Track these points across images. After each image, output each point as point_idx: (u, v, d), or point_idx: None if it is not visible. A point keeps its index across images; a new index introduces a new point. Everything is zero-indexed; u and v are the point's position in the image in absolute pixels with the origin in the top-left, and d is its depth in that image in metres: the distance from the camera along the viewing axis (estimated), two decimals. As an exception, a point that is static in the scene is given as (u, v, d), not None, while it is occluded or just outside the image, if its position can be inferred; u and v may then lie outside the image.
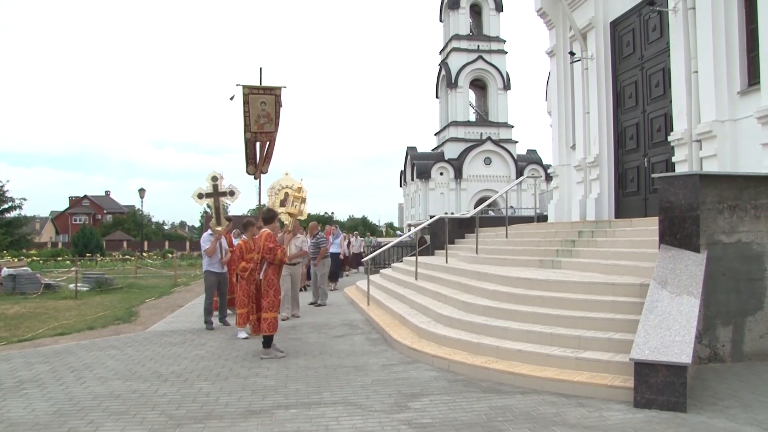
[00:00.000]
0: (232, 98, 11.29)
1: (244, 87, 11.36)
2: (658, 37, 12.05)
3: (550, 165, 17.42)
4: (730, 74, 9.94)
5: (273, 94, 11.56)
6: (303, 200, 11.59)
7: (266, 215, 9.23)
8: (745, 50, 9.86)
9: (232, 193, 11.52)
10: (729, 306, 7.08)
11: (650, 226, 9.26)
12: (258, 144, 11.65)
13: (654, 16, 12.02)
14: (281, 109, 11.63)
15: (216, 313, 11.48)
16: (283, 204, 11.59)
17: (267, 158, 11.71)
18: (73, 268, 21.80)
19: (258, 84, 11.58)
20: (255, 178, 11.75)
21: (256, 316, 8.52)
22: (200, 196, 11.42)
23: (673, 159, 11.08)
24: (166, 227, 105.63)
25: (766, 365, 6.93)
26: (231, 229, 12.05)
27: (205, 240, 11.30)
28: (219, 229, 11.26)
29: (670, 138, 11.15)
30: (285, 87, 11.72)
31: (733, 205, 7.16)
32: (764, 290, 7.17)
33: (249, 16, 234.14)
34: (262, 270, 8.54)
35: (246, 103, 11.33)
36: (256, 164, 11.63)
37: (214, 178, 11.43)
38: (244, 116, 11.40)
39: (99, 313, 13.38)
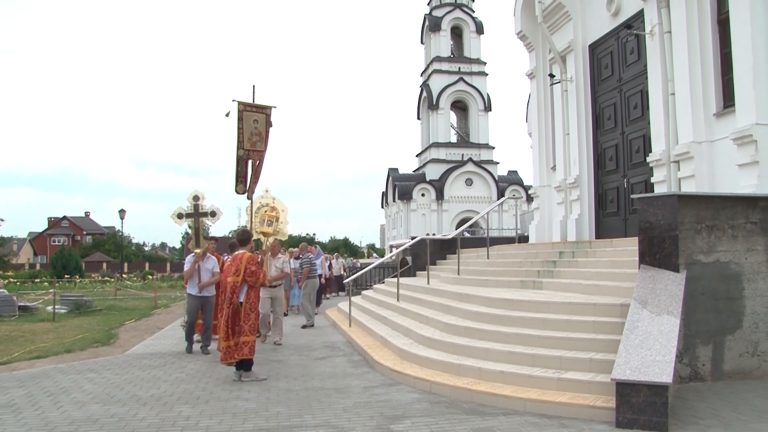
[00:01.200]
0: (227, 114, 10.83)
1: (239, 103, 10.90)
2: (636, 60, 12.23)
3: (531, 186, 17.54)
4: (706, 96, 10.11)
5: (264, 113, 11.16)
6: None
7: (241, 236, 8.99)
8: (719, 73, 10.04)
9: (213, 214, 11.14)
10: (708, 325, 7.13)
11: (630, 246, 9.33)
12: (250, 162, 11.12)
13: (631, 40, 12.22)
14: (270, 129, 11.29)
15: (197, 336, 10.99)
16: (261, 224, 11.43)
17: (255, 179, 11.18)
18: (51, 290, 21.54)
19: (251, 101, 11.18)
20: (248, 198, 11.33)
21: (234, 341, 8.20)
22: (180, 216, 11.02)
23: (652, 179, 11.19)
24: (146, 248, 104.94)
25: (746, 384, 6.98)
26: (214, 249, 11.56)
27: (188, 262, 10.91)
28: (198, 251, 10.79)
29: (648, 159, 11.28)
30: (275, 107, 11.34)
31: (711, 225, 7.24)
32: (743, 309, 7.23)
33: (230, 36, 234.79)
34: (242, 293, 8.36)
35: (240, 119, 10.85)
36: (246, 182, 11.13)
37: (196, 198, 11.07)
38: (238, 132, 10.91)
39: (77, 335, 13.21)
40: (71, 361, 10.06)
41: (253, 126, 10.96)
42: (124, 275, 41.27)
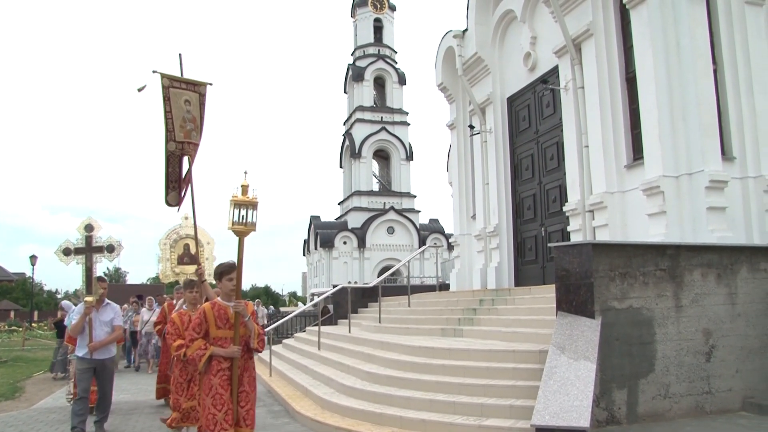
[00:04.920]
0: (140, 89, 7.59)
1: (162, 76, 7.49)
2: (552, 113, 12.71)
3: (452, 234, 17.78)
4: (617, 149, 10.59)
5: (197, 91, 7.74)
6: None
7: (215, 270, 6.18)
8: (629, 127, 10.56)
9: (111, 249, 8.69)
10: (623, 369, 7.29)
11: (548, 293, 9.52)
12: (186, 159, 7.66)
13: (547, 94, 12.71)
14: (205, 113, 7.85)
15: (93, 415, 8.16)
16: (182, 260, 10.37)
17: (186, 182, 7.69)
18: (-52, 342, 20.28)
19: (179, 75, 7.67)
20: (173, 206, 7.72)
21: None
22: (67, 252, 8.58)
23: (568, 228, 11.53)
24: (59, 296, 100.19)
25: (659, 426, 7.14)
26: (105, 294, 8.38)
27: (76, 313, 8.17)
28: (89, 299, 7.98)
29: (564, 208, 11.64)
30: (211, 84, 7.82)
31: (624, 272, 7.47)
32: (654, 353, 7.44)
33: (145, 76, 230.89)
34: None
35: (166, 99, 7.48)
36: (180, 189, 7.73)
37: (89, 227, 8.68)
38: (165, 119, 7.52)
39: (-24, 390, 12.42)
40: (-32, 418, 9.42)
41: (185, 109, 7.66)
42: (33, 324, 39.26)
